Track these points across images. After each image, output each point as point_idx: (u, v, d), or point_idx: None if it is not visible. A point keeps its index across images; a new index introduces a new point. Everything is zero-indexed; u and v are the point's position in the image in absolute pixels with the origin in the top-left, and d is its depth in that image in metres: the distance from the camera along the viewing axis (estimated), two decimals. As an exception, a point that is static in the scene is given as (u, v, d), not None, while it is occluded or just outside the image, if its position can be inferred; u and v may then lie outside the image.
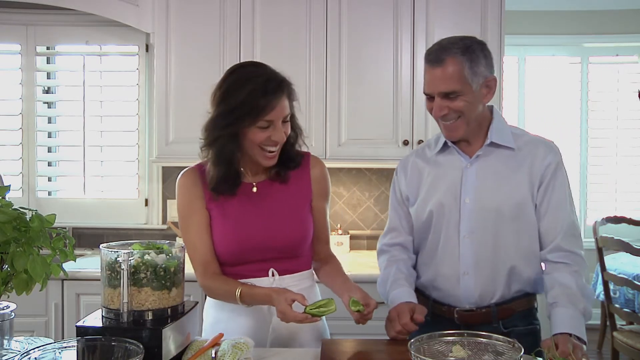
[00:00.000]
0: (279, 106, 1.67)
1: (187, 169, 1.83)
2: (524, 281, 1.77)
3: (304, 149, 1.86)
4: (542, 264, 1.78)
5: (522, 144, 1.78)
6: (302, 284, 1.80)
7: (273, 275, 1.76)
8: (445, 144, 1.83)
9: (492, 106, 1.82)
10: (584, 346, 1.52)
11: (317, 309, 1.54)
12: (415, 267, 1.89)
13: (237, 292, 1.66)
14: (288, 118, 1.72)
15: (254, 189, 1.79)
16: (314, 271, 1.89)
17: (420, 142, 3.03)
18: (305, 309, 1.55)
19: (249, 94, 1.64)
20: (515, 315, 1.78)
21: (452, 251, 1.78)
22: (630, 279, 3.32)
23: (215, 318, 1.82)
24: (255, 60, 2.98)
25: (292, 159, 1.80)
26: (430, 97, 1.75)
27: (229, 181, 1.74)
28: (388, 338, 1.71)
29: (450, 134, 1.77)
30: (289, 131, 1.74)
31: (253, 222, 1.76)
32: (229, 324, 1.75)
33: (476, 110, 1.74)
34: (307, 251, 1.84)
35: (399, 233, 1.90)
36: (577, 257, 1.72)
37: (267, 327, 1.76)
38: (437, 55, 1.70)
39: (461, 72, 1.68)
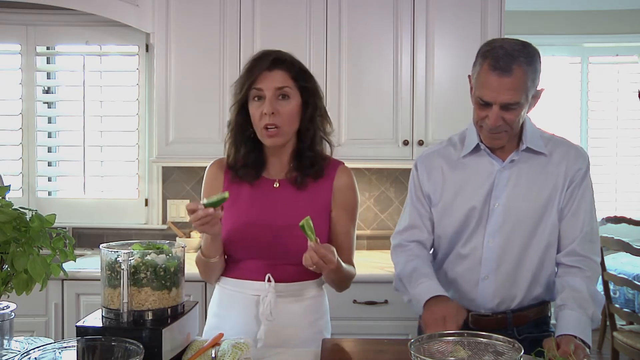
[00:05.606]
0: (270, 76, 1.70)
1: (217, 158, 1.87)
2: (544, 288, 1.76)
3: (327, 151, 1.82)
4: (556, 267, 1.76)
5: (553, 148, 1.76)
6: (303, 293, 1.77)
7: (269, 280, 1.72)
8: (476, 146, 1.77)
9: None
10: (587, 349, 1.51)
11: (210, 202, 1.56)
12: None
13: (200, 248, 1.74)
14: (288, 95, 1.70)
15: (276, 184, 1.78)
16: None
17: (420, 142, 3.03)
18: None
19: (247, 65, 1.75)
20: (530, 322, 1.77)
21: (474, 254, 1.75)
22: (630, 279, 3.32)
23: (213, 313, 1.84)
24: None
25: (311, 165, 1.76)
26: (484, 105, 1.64)
27: (250, 165, 1.76)
28: (388, 338, 1.72)
29: (494, 142, 1.72)
30: (289, 112, 1.70)
31: (261, 216, 1.74)
32: (222, 321, 1.77)
33: (522, 120, 1.70)
34: None
35: (420, 231, 1.83)
36: (591, 263, 1.71)
37: (255, 330, 1.72)
38: (506, 63, 1.58)
39: (525, 83, 1.60)
